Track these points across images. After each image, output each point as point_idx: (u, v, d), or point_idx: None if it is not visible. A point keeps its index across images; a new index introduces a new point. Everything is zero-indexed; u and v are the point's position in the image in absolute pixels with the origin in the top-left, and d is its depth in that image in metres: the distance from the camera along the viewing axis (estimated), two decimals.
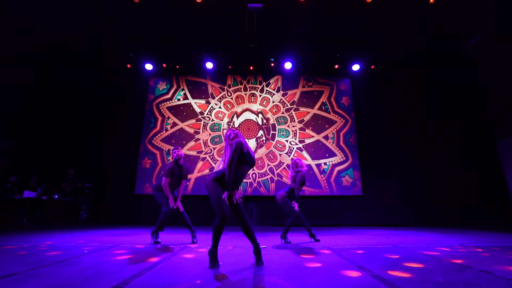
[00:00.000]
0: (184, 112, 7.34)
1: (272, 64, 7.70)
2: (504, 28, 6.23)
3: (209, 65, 7.50)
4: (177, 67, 7.78)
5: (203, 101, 7.50)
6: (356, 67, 7.58)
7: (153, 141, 7.18)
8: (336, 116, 7.21)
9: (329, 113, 7.27)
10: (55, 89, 7.66)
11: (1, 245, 3.05)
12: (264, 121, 7.19)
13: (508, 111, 6.70)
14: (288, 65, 7.51)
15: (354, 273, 1.87)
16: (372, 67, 7.75)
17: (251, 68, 7.83)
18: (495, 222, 6.46)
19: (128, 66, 7.65)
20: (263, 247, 3.07)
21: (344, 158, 7.09)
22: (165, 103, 7.47)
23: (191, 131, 7.19)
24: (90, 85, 7.73)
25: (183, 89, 7.57)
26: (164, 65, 7.68)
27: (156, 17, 6.25)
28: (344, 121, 7.11)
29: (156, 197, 3.82)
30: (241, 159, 2.29)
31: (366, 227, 6.25)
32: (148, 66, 7.53)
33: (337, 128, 7.01)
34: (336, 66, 7.72)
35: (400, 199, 6.85)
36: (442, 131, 7.33)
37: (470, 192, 6.82)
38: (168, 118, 7.32)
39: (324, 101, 7.44)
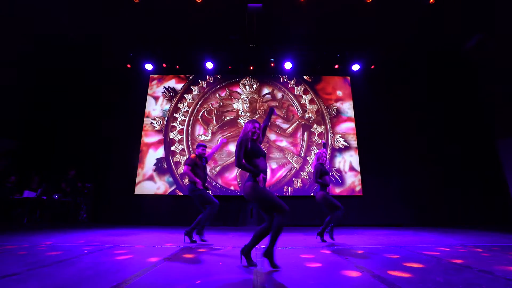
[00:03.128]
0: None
1: (272, 64, 7.70)
2: (504, 28, 6.23)
3: (209, 65, 7.50)
4: (177, 67, 7.79)
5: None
6: (356, 67, 7.58)
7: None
8: (336, 118, 7.05)
9: (330, 114, 7.09)
10: (54, 89, 7.66)
11: (1, 245, 3.05)
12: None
13: (508, 111, 6.70)
14: (288, 65, 7.51)
15: (354, 273, 1.87)
16: (372, 67, 7.75)
17: (251, 68, 7.83)
18: (495, 222, 6.47)
19: (128, 66, 7.65)
20: (263, 247, 3.06)
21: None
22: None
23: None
24: (90, 85, 7.73)
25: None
26: (164, 65, 7.69)
27: (156, 17, 6.25)
28: (344, 122, 6.95)
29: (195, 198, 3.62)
30: (248, 154, 2.19)
31: (366, 227, 6.25)
32: (148, 66, 7.53)
33: (335, 130, 6.79)
34: (336, 66, 7.72)
35: (400, 199, 6.85)
36: (442, 131, 7.34)
37: (470, 192, 6.82)
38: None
39: (326, 104, 7.16)
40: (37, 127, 7.38)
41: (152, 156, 6.27)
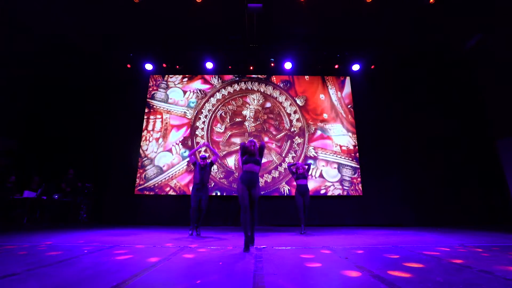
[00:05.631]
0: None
1: (272, 64, 7.71)
2: (504, 28, 6.23)
3: (209, 65, 7.53)
4: (177, 67, 7.80)
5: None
6: (356, 67, 7.59)
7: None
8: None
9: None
10: (55, 89, 7.66)
11: (1, 245, 3.05)
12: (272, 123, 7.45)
13: (508, 111, 6.70)
14: (288, 65, 7.52)
15: (354, 273, 1.87)
16: (372, 67, 7.75)
17: (251, 68, 7.85)
18: (495, 222, 6.47)
19: (128, 66, 7.65)
20: (263, 247, 3.07)
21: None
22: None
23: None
24: (90, 85, 7.73)
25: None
26: (164, 65, 7.70)
27: (156, 17, 6.25)
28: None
29: None
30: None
31: (366, 227, 6.25)
32: (148, 66, 7.54)
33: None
34: (336, 66, 7.73)
35: (400, 199, 6.85)
36: (442, 131, 7.33)
37: (470, 192, 6.82)
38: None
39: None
40: (37, 127, 7.38)
41: (174, 134, 7.06)
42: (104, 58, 7.55)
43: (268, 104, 6.71)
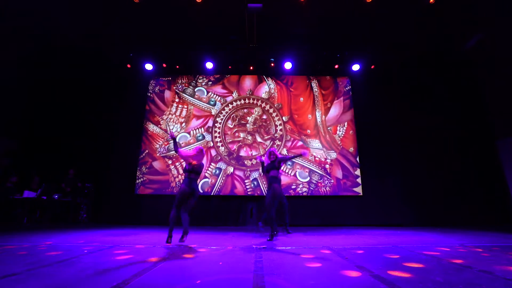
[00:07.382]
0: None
1: (272, 64, 7.73)
2: (504, 28, 6.23)
3: (209, 65, 7.55)
4: (177, 67, 7.82)
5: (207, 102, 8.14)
6: (356, 67, 7.59)
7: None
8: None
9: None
10: (55, 89, 7.66)
11: (1, 245, 3.05)
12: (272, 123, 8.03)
13: (508, 111, 6.70)
14: (288, 65, 7.52)
15: (354, 273, 1.87)
16: (372, 67, 7.75)
17: (251, 68, 7.87)
18: (495, 222, 6.46)
19: (128, 66, 7.65)
20: (263, 247, 3.07)
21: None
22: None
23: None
24: (90, 85, 7.73)
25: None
26: (164, 65, 7.70)
27: (156, 17, 6.25)
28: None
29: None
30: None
31: (366, 227, 6.25)
32: (148, 66, 7.54)
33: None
34: (336, 66, 7.73)
35: (400, 199, 6.85)
36: (442, 131, 7.33)
37: (470, 192, 6.81)
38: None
39: (325, 104, 8.00)
40: (37, 127, 7.38)
41: (194, 122, 7.93)
42: (104, 58, 7.55)
43: (264, 116, 8.18)
